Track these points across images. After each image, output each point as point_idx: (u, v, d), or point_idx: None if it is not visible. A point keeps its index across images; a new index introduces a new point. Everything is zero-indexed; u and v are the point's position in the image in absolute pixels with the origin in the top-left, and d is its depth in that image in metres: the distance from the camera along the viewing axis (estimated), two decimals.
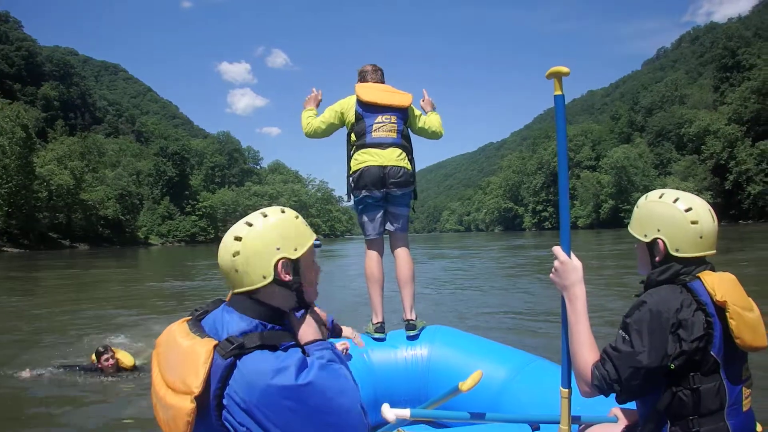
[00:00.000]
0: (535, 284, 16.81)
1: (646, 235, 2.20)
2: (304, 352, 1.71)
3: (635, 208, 2.30)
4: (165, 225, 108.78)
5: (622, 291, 13.70)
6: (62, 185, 77.13)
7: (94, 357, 7.47)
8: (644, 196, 2.30)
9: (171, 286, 21.38)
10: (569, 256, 2.20)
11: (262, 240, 1.76)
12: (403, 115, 4.76)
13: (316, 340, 1.79)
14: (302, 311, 1.86)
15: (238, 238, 1.75)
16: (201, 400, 1.54)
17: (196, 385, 1.53)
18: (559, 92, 2.19)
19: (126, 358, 7.54)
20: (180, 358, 1.62)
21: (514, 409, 3.41)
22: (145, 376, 7.44)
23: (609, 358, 2.02)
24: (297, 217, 1.86)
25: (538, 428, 2.84)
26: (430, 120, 5.00)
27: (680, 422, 2.02)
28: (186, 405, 1.53)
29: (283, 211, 1.84)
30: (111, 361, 7.30)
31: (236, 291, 1.77)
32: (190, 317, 1.79)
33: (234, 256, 1.74)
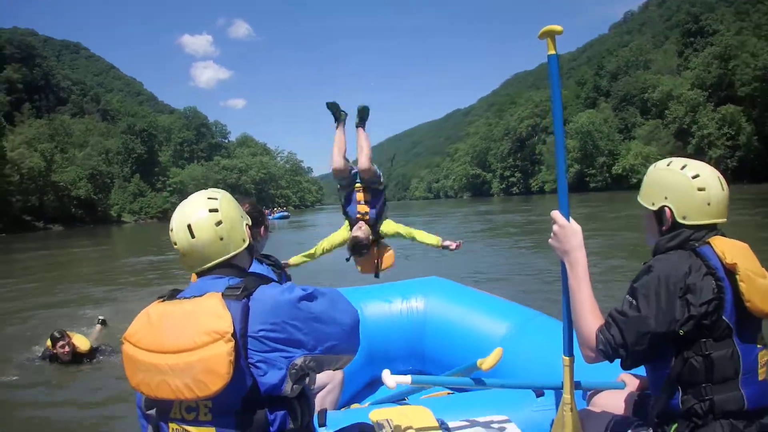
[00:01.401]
0: (511, 245, 17.50)
1: (653, 203, 2.20)
2: None
3: (645, 177, 2.31)
4: (137, 202, 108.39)
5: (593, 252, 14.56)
6: (33, 168, 77.22)
7: (49, 342, 7.40)
8: (653, 164, 2.31)
9: (147, 261, 22.89)
10: (568, 220, 2.19)
11: (233, 209, 1.98)
12: None
13: None
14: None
15: (213, 210, 1.92)
16: None
17: (227, 325, 1.61)
18: (552, 52, 2.20)
19: (82, 343, 7.50)
20: (185, 320, 1.68)
21: (514, 368, 3.42)
22: (103, 360, 7.54)
23: (615, 322, 2.01)
24: None
25: (542, 394, 2.92)
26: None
27: (693, 390, 2.01)
28: (223, 347, 1.59)
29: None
30: (66, 348, 7.25)
31: (211, 264, 1.91)
32: (161, 299, 1.86)
33: (218, 225, 1.89)
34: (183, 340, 1.63)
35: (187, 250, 1.87)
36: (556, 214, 2.18)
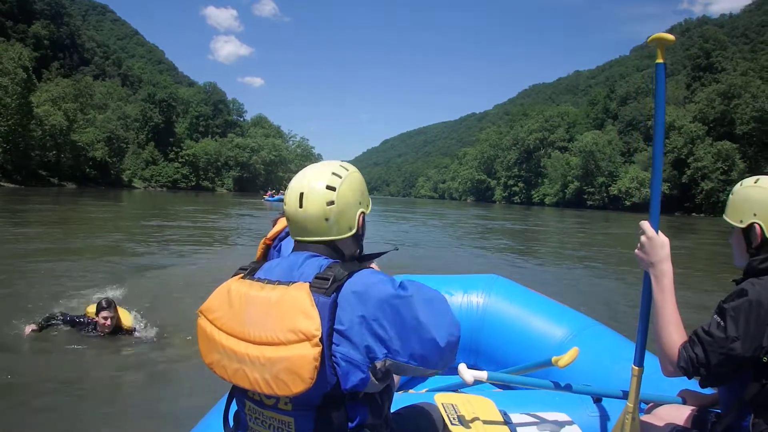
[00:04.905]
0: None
1: (741, 221, 2.13)
2: None
3: (730, 195, 2.23)
4: (148, 169, 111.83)
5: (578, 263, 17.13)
6: (55, 125, 79.88)
7: (92, 309, 6.93)
8: (739, 182, 2.24)
9: (156, 225, 24.40)
10: (657, 232, 2.10)
11: (353, 193, 1.84)
12: None
13: None
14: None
15: (331, 188, 1.78)
16: None
17: (316, 327, 1.50)
18: (660, 60, 2.08)
19: (125, 317, 7.03)
20: (270, 310, 1.57)
21: (570, 372, 3.22)
22: (145, 338, 7.03)
23: (699, 341, 1.94)
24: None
25: (600, 400, 2.83)
26: None
27: (766, 414, 1.96)
28: (309, 351, 1.48)
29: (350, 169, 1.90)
30: (109, 322, 6.71)
31: (311, 240, 1.79)
32: (241, 275, 1.77)
33: (328, 205, 1.76)
34: (267, 333, 1.55)
35: (291, 216, 1.82)
36: (645, 224, 2.12)
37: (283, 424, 1.65)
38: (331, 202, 1.77)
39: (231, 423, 1.85)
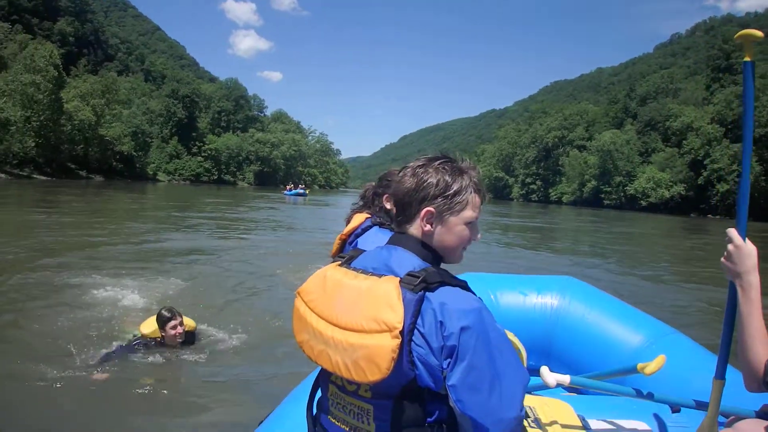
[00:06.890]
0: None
1: None
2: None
3: None
4: (172, 163, 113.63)
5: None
6: (84, 120, 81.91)
7: (147, 328, 6.11)
8: None
9: (186, 215, 25.78)
10: (744, 240, 1.98)
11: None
12: None
13: None
14: None
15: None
16: None
17: (398, 320, 1.49)
18: (748, 58, 2.00)
19: (189, 321, 6.35)
20: (359, 298, 1.60)
21: (645, 380, 3.01)
22: (214, 341, 6.54)
23: None
24: None
25: (679, 410, 2.74)
26: None
27: None
28: (388, 342, 1.49)
29: None
30: (179, 329, 6.04)
31: (404, 231, 1.76)
32: (339, 262, 1.79)
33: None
34: (352, 319, 1.58)
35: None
36: (732, 232, 2.00)
37: (362, 411, 1.65)
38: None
39: (314, 410, 1.90)
